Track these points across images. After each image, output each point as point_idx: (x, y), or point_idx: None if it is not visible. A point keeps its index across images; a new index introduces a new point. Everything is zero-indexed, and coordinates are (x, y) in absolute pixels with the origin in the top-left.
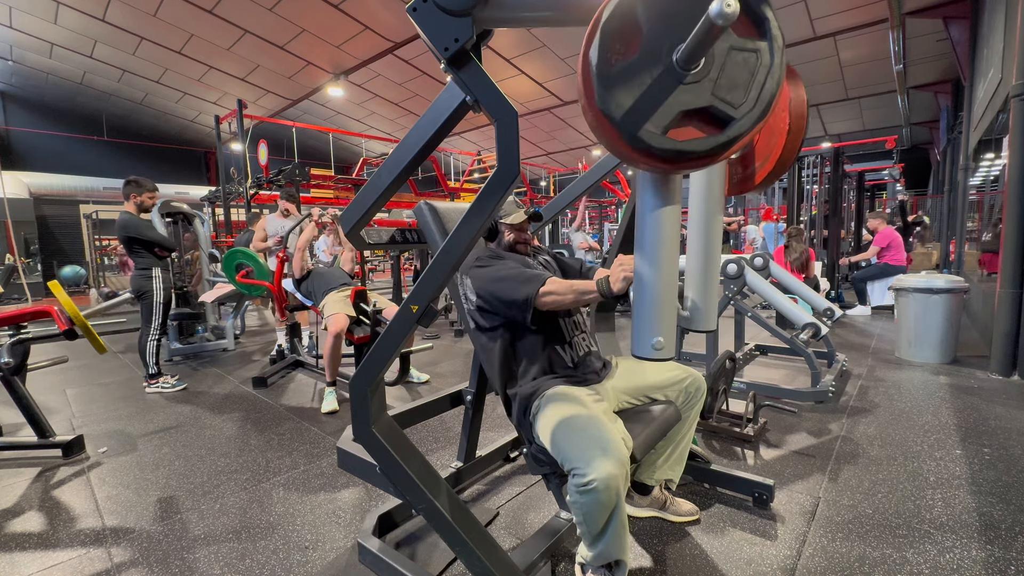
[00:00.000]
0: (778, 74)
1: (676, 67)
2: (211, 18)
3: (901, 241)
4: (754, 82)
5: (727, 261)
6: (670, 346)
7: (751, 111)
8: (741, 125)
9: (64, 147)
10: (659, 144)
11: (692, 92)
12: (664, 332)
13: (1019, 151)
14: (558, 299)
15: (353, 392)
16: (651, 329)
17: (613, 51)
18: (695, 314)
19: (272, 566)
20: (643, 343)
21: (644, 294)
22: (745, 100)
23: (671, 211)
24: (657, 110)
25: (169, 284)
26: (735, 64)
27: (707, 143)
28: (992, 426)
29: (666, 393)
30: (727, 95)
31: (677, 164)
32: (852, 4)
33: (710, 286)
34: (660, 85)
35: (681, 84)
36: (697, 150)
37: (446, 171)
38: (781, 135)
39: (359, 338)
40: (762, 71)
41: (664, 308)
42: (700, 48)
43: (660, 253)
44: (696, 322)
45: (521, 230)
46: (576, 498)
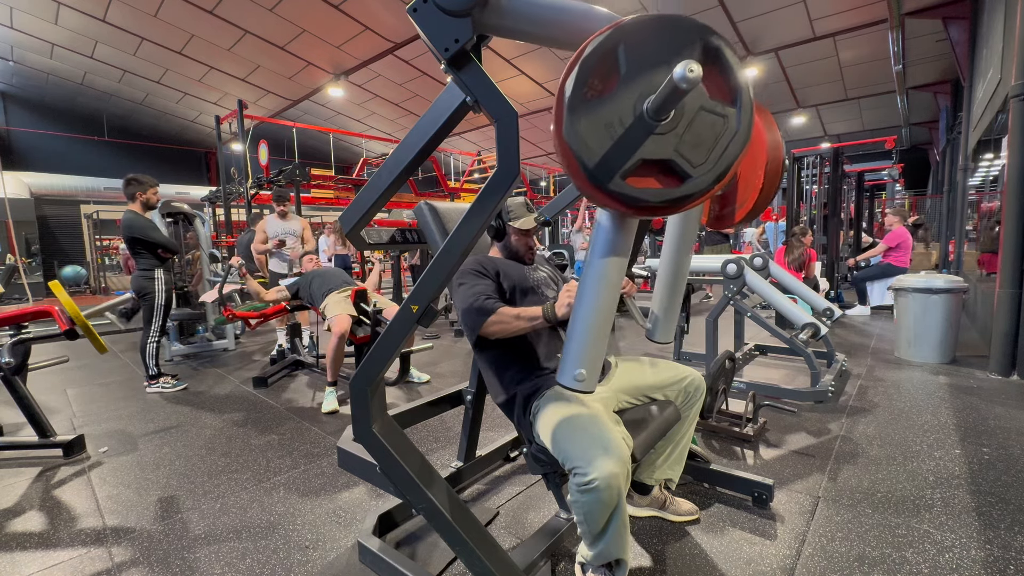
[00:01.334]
0: (741, 143)
1: (645, 116)
2: (211, 19)
3: (910, 244)
4: (717, 145)
5: (727, 261)
6: (591, 380)
7: (708, 172)
8: (697, 184)
9: (65, 147)
10: (615, 187)
11: (657, 143)
12: (588, 366)
13: (1018, 151)
14: (503, 328)
15: (353, 392)
16: (577, 360)
17: (590, 86)
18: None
19: (272, 565)
20: (567, 372)
21: (576, 326)
22: (705, 161)
23: (617, 262)
24: (618, 152)
25: (170, 285)
26: (703, 124)
27: (661, 195)
28: (991, 426)
29: (666, 393)
30: (689, 153)
31: (631, 209)
32: (852, 4)
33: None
34: (627, 129)
35: (647, 133)
36: (650, 200)
37: (446, 171)
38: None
39: (360, 338)
40: (726, 136)
41: (592, 344)
42: (667, 104)
43: (599, 295)
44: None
45: (528, 236)
46: (577, 497)
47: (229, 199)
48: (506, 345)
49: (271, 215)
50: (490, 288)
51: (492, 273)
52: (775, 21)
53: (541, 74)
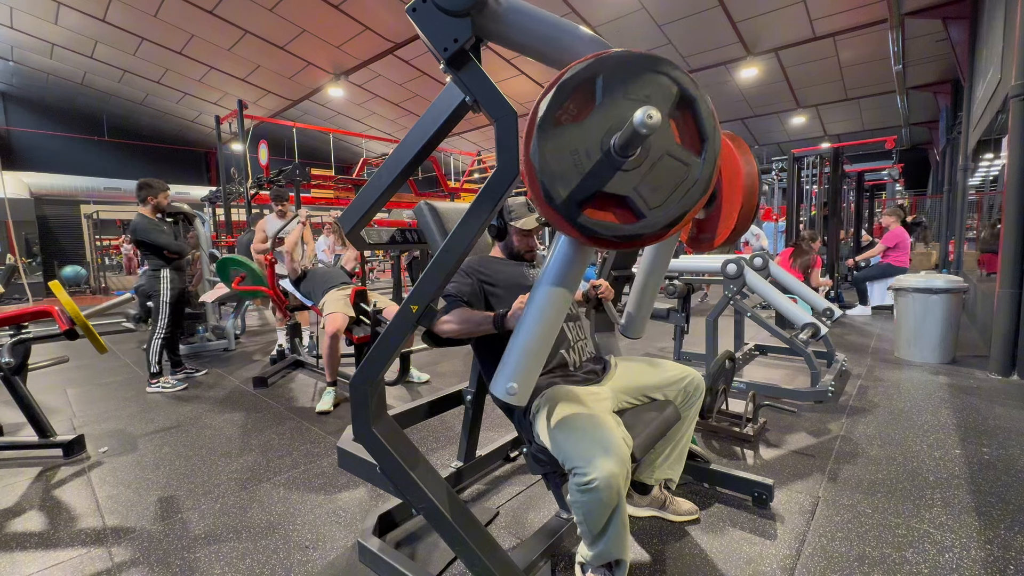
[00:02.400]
0: (700, 192)
1: (612, 150)
2: (211, 19)
3: (909, 243)
4: (676, 191)
5: (727, 261)
6: (523, 395)
7: (662, 215)
8: (649, 225)
9: (65, 147)
10: (572, 215)
11: (619, 178)
12: (520, 381)
13: (1018, 151)
14: (453, 329)
15: (353, 392)
16: (510, 373)
17: (564, 110)
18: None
19: (272, 565)
20: (500, 384)
21: (516, 342)
22: (662, 204)
23: (563, 292)
24: (580, 182)
25: (178, 285)
26: (666, 168)
27: (613, 230)
28: (991, 426)
29: (665, 393)
30: (648, 193)
31: (584, 238)
32: (852, 4)
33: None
34: (593, 161)
35: (610, 167)
36: (602, 233)
37: (446, 171)
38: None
39: (359, 338)
40: (686, 184)
41: (529, 361)
42: (630, 143)
43: (541, 320)
44: (628, 330)
45: (530, 236)
46: (577, 497)
47: (229, 199)
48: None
49: (271, 214)
50: (463, 288)
51: (474, 275)
52: (775, 21)
53: (541, 74)
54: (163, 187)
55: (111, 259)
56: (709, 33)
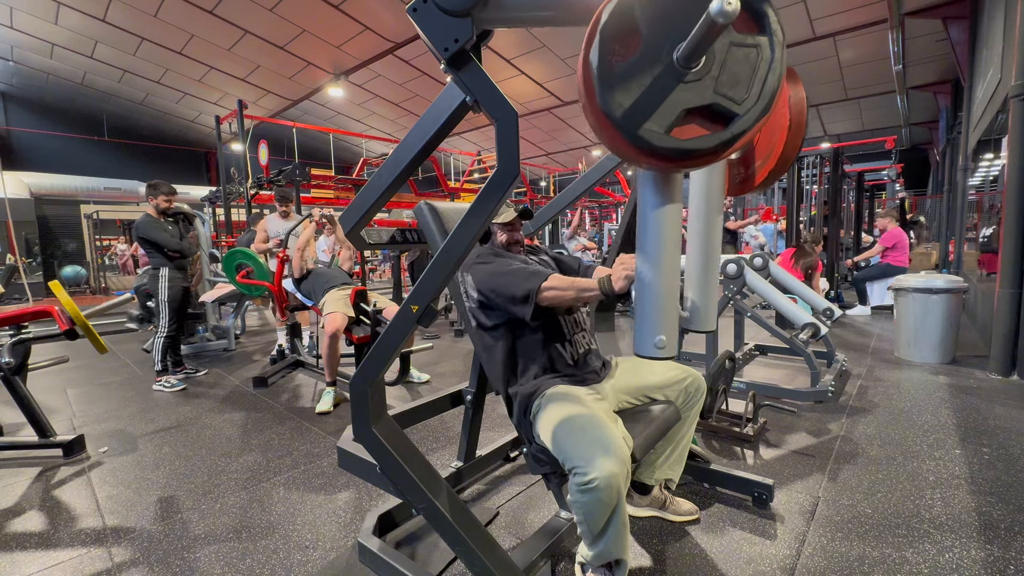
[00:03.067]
0: (779, 68)
1: (676, 66)
2: (211, 18)
3: (907, 243)
4: (756, 77)
5: (727, 261)
6: (672, 344)
7: (754, 106)
8: (745, 121)
9: (65, 147)
10: (662, 143)
11: (694, 90)
12: (666, 331)
13: (1018, 151)
14: (559, 295)
15: (353, 392)
16: (653, 328)
17: (613, 52)
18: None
19: (272, 565)
20: (646, 342)
21: (646, 293)
22: (748, 96)
23: (673, 209)
24: (659, 109)
25: (178, 283)
26: (736, 60)
27: (711, 140)
28: (991, 426)
29: (666, 393)
30: (729, 91)
31: (681, 163)
32: (852, 4)
33: (710, 287)
34: (661, 84)
35: (682, 83)
36: (701, 147)
37: (446, 171)
38: (782, 133)
39: (359, 338)
40: (763, 66)
41: (666, 307)
42: (701, 46)
43: (662, 252)
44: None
45: (513, 229)
46: (577, 497)
47: (229, 199)
48: (506, 345)
49: (272, 214)
50: (528, 265)
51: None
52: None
53: (541, 74)
54: (165, 190)
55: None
56: None
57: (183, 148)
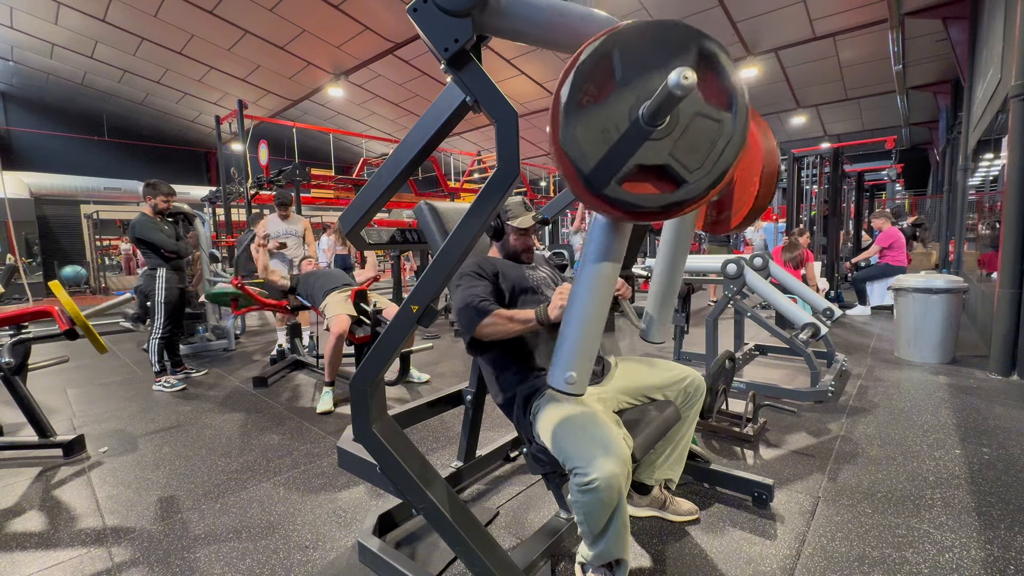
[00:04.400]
0: (736, 147)
1: (641, 121)
2: (211, 18)
3: (904, 242)
4: (713, 150)
5: (727, 261)
6: (582, 383)
7: (704, 177)
8: (693, 189)
9: (65, 147)
10: (612, 193)
11: (652, 148)
12: (578, 369)
13: (1018, 151)
14: (496, 330)
15: (353, 392)
16: (567, 363)
17: (585, 91)
18: (650, 326)
19: (272, 565)
20: (557, 375)
21: (568, 330)
22: (701, 166)
23: (610, 267)
24: (615, 159)
25: (175, 284)
26: (698, 129)
27: (657, 200)
28: (991, 426)
29: (665, 393)
30: (684, 157)
31: (627, 215)
32: (852, 4)
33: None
34: (623, 135)
35: (645, 140)
36: (646, 206)
37: (446, 171)
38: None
39: (359, 338)
40: (722, 141)
41: (583, 347)
42: (662, 109)
43: (592, 298)
44: (650, 334)
45: (527, 235)
46: (578, 497)
47: (229, 199)
48: (505, 346)
49: (273, 215)
50: (487, 290)
51: (490, 275)
52: (775, 21)
53: (541, 74)
54: (164, 191)
55: (111, 259)
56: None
57: (183, 148)
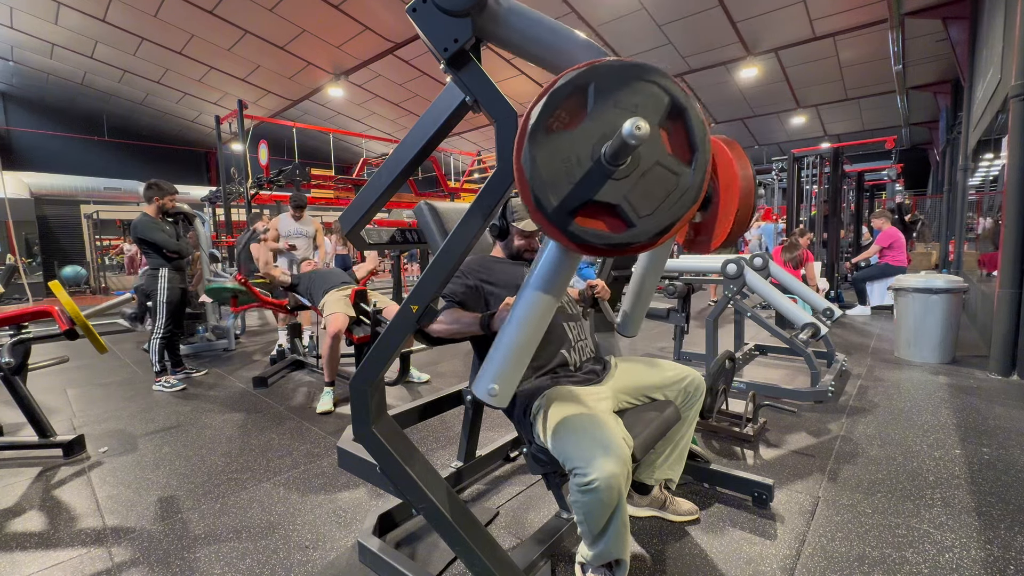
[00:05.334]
0: (689, 202)
1: (603, 159)
2: (211, 19)
3: (904, 241)
4: (666, 200)
5: (727, 261)
6: (504, 396)
7: (651, 224)
8: (640, 233)
9: (65, 147)
10: (562, 223)
11: (609, 187)
12: (502, 383)
13: (1018, 151)
14: (444, 330)
15: (353, 392)
16: (493, 375)
17: (556, 117)
18: (624, 321)
19: (272, 565)
20: (481, 384)
21: (500, 344)
22: (652, 213)
23: (550, 299)
24: (571, 190)
25: (176, 284)
26: (656, 177)
27: (604, 238)
28: (991, 426)
29: (665, 393)
30: (638, 202)
31: (573, 246)
32: (852, 4)
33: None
34: (585, 170)
35: (606, 178)
36: (593, 242)
37: (446, 171)
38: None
39: (359, 338)
40: (676, 193)
41: (511, 364)
42: (619, 153)
43: (527, 322)
44: (624, 328)
45: (531, 237)
46: (578, 497)
47: (229, 199)
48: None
49: (285, 214)
50: (460, 289)
51: (472, 275)
52: (775, 21)
53: (541, 74)
54: (171, 190)
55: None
56: (709, 33)
57: (183, 148)
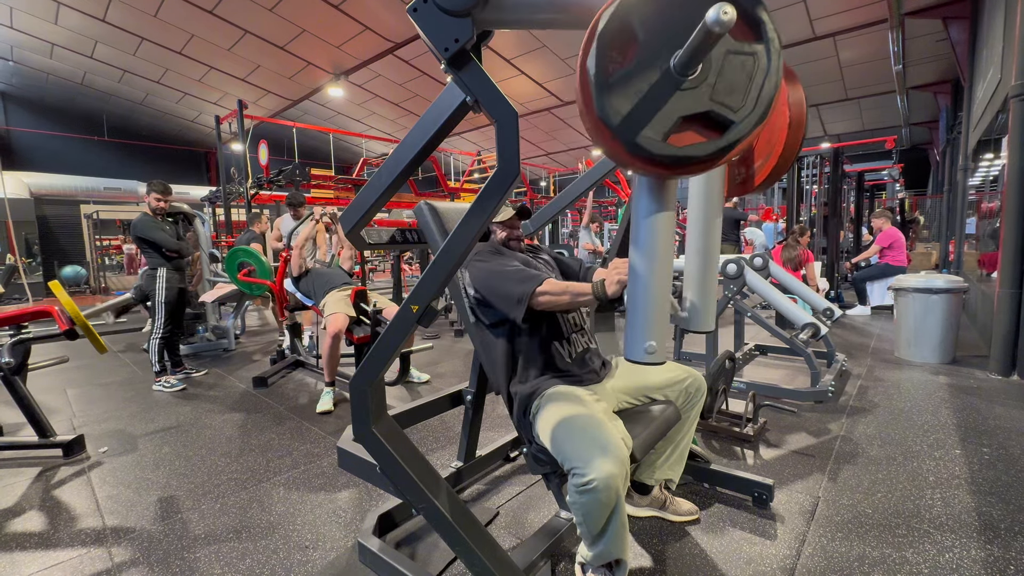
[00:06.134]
0: (776, 77)
1: (674, 73)
2: (211, 18)
3: (904, 242)
4: (752, 85)
5: (727, 261)
6: (662, 350)
7: (750, 114)
8: (740, 129)
9: (64, 147)
10: (659, 150)
11: (691, 97)
12: (657, 337)
13: (1018, 151)
14: (553, 299)
15: (353, 392)
16: (644, 334)
17: (610, 59)
18: (693, 315)
19: (272, 565)
20: (636, 347)
21: (637, 299)
22: (744, 104)
23: (666, 217)
24: (656, 116)
25: (175, 284)
26: (733, 68)
27: (707, 148)
28: (991, 426)
29: (666, 393)
30: (726, 99)
31: (677, 170)
32: (852, 4)
33: (708, 287)
34: (658, 91)
35: (679, 90)
36: (697, 155)
37: (446, 171)
38: (782, 133)
39: (359, 338)
40: (760, 74)
41: (657, 313)
42: (697, 54)
43: (655, 258)
44: (694, 323)
45: (512, 227)
46: (576, 498)
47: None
48: (506, 346)
49: (287, 215)
50: (529, 266)
51: (508, 254)
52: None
53: (541, 74)
54: (158, 189)
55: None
56: None
57: (183, 148)
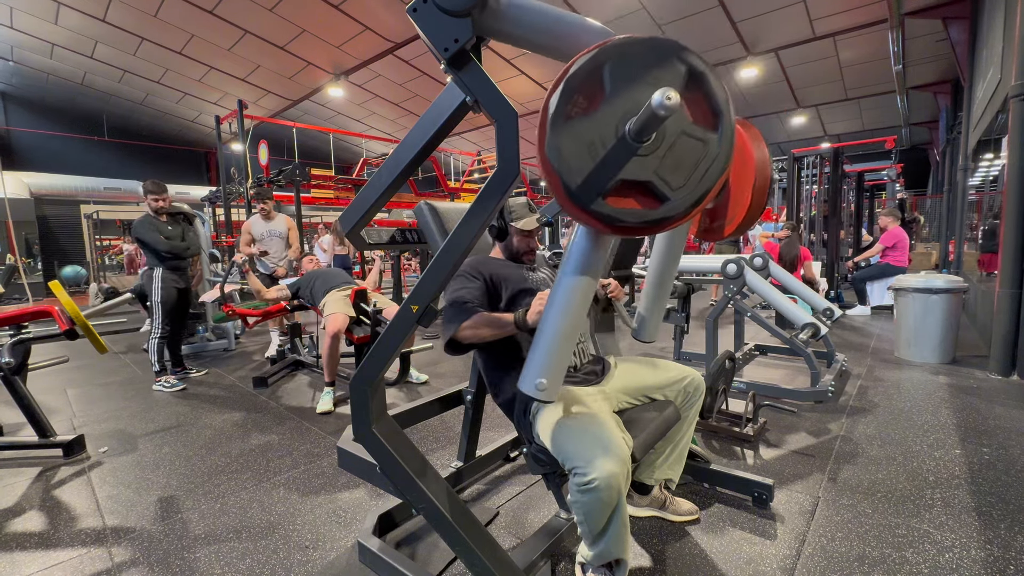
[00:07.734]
0: (721, 167)
1: (628, 136)
2: (211, 18)
3: (907, 242)
4: (696, 169)
5: (727, 261)
6: (552, 390)
7: (687, 196)
8: (674, 207)
9: (64, 147)
10: (595, 206)
11: (637, 164)
12: (549, 376)
13: (1018, 151)
14: (476, 334)
15: (353, 392)
16: (539, 369)
17: (574, 103)
18: (641, 325)
19: (272, 565)
20: (528, 380)
21: (542, 337)
22: (684, 184)
23: (588, 281)
24: (600, 173)
25: (171, 284)
26: (683, 148)
27: (639, 216)
28: (991, 426)
29: (665, 393)
30: (668, 175)
31: (609, 228)
32: (852, 4)
33: (659, 306)
34: (609, 149)
35: (632, 155)
36: (628, 221)
37: (446, 171)
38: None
39: (359, 338)
40: (706, 161)
41: (556, 356)
42: (646, 127)
43: (569, 309)
44: (641, 333)
45: (530, 237)
46: (577, 497)
47: (229, 199)
48: (506, 346)
49: (255, 215)
50: (475, 292)
51: (485, 277)
52: (775, 21)
53: (541, 74)
54: (151, 189)
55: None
56: (709, 33)
57: (183, 148)
